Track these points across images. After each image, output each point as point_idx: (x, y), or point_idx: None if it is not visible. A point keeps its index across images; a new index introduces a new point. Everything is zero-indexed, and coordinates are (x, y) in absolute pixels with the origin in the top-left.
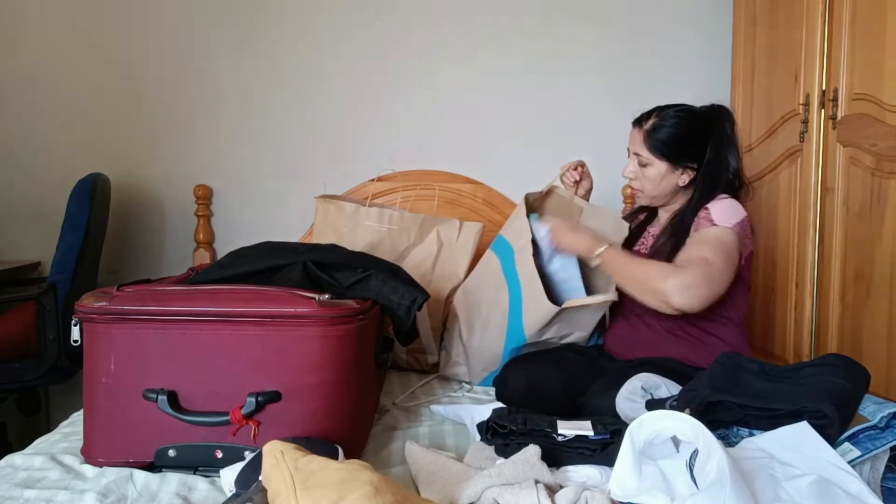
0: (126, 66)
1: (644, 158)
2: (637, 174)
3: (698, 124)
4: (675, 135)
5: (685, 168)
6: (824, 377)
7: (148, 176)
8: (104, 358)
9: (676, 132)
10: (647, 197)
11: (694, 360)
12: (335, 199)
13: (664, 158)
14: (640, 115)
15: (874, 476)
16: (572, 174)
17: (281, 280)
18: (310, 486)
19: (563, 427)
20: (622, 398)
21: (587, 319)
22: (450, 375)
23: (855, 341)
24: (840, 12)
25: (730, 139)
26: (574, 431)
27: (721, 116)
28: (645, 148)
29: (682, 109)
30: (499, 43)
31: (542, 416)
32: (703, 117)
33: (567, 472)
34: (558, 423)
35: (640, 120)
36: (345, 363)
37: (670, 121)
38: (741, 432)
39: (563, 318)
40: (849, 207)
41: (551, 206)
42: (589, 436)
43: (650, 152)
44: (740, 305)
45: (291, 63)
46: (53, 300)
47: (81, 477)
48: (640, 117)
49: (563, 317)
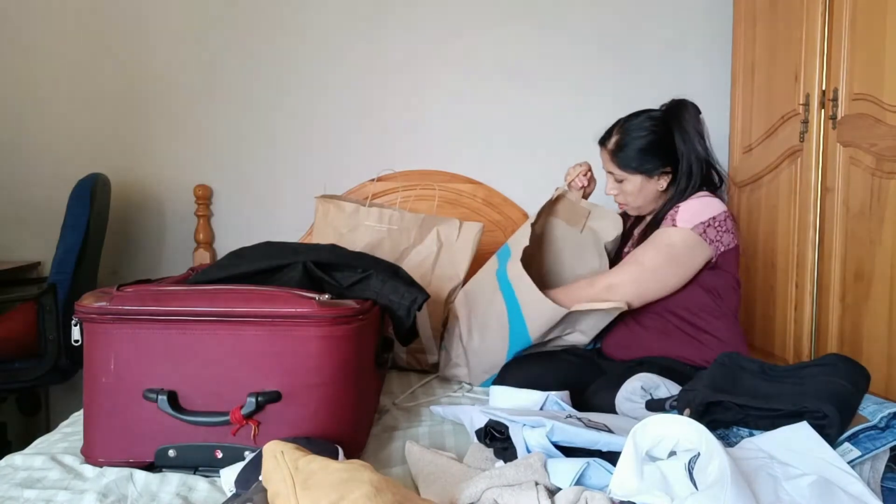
0: (126, 67)
1: (618, 175)
2: (617, 189)
3: (661, 129)
4: (640, 147)
5: (660, 174)
6: (824, 377)
7: (148, 176)
8: (104, 358)
9: (641, 144)
10: (634, 208)
11: (690, 358)
12: (335, 199)
13: (636, 172)
14: (603, 135)
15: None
16: (582, 179)
17: (281, 280)
18: (310, 486)
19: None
20: (622, 398)
21: (592, 324)
22: (450, 376)
23: (855, 341)
24: (840, 12)
25: (695, 131)
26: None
27: (681, 112)
28: (615, 166)
29: (643, 119)
30: (499, 43)
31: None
32: (664, 120)
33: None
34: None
35: (604, 139)
36: (345, 363)
37: (632, 134)
38: (741, 432)
39: (567, 320)
40: (849, 207)
41: (561, 211)
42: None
43: (621, 170)
44: (729, 299)
45: (291, 63)
46: (53, 300)
47: (81, 477)
48: (603, 137)
49: (568, 319)
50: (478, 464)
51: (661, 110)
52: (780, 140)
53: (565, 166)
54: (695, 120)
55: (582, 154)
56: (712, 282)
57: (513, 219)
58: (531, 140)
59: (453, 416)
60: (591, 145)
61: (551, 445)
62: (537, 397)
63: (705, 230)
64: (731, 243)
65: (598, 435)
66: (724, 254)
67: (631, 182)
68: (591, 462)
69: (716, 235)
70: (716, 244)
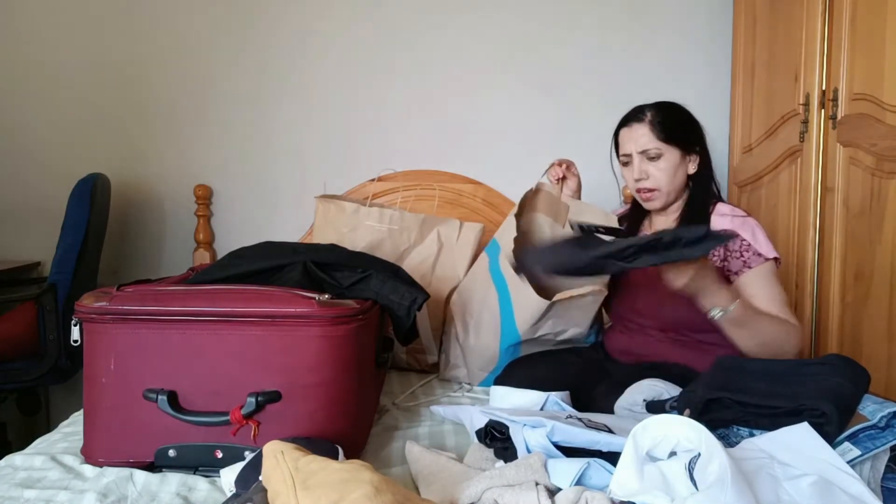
0: (126, 67)
1: (654, 150)
2: (646, 172)
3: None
4: (678, 120)
5: (693, 155)
6: (824, 376)
7: (148, 176)
8: (104, 358)
9: (679, 117)
10: (664, 194)
11: (694, 366)
12: (335, 199)
13: (676, 144)
14: (629, 114)
15: (874, 476)
16: (556, 170)
17: (281, 280)
18: (310, 485)
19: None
20: (620, 407)
21: (582, 314)
22: (450, 378)
23: (855, 341)
24: (840, 12)
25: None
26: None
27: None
28: (654, 138)
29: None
30: (499, 43)
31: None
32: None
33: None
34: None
35: (635, 116)
36: (345, 363)
37: (671, 107)
38: (741, 432)
39: (555, 314)
40: (849, 207)
41: (541, 204)
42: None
43: (661, 141)
44: None
45: (291, 63)
46: (53, 300)
47: (81, 477)
48: (630, 115)
49: (556, 311)
50: (478, 464)
51: None
52: (780, 140)
53: None
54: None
55: (582, 154)
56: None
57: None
58: (531, 140)
59: (453, 416)
60: (592, 145)
61: (552, 445)
62: (537, 398)
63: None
64: None
65: (598, 435)
66: None
67: (668, 157)
68: (591, 462)
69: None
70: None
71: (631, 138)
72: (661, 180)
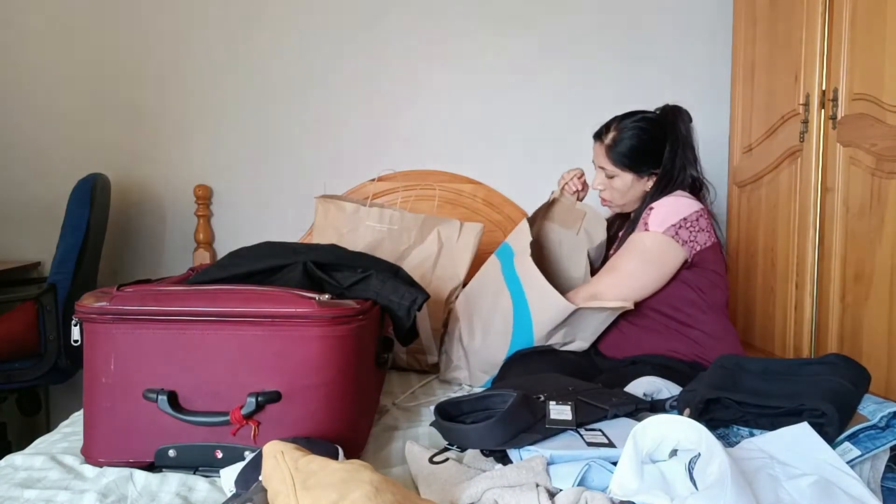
0: (126, 67)
1: (609, 171)
2: (605, 185)
3: (656, 131)
4: (635, 146)
5: (649, 175)
6: (824, 376)
7: (148, 176)
8: (104, 358)
9: (636, 143)
10: (617, 206)
11: (681, 353)
12: (335, 199)
13: (628, 170)
14: (599, 129)
15: (874, 476)
16: (576, 183)
17: (281, 280)
18: (310, 485)
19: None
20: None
21: (593, 328)
22: (450, 380)
23: (855, 341)
24: (840, 12)
25: (685, 139)
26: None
27: (676, 118)
28: (608, 161)
29: (640, 119)
30: (499, 43)
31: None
32: (659, 122)
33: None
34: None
35: (600, 134)
36: (345, 363)
37: (629, 132)
38: (741, 432)
39: (572, 322)
40: (849, 207)
41: (556, 215)
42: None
43: (614, 165)
44: (712, 294)
45: (291, 63)
46: (53, 300)
47: (81, 477)
48: (599, 131)
49: (573, 320)
50: (478, 464)
51: (657, 113)
52: (780, 140)
53: (565, 166)
54: (686, 127)
55: (582, 155)
56: (694, 279)
57: (513, 219)
58: (531, 140)
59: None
60: (591, 145)
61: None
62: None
63: (677, 232)
64: (708, 242)
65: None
66: (701, 252)
67: (621, 179)
68: (592, 463)
69: (689, 236)
70: (690, 244)
71: (595, 152)
72: (614, 195)
